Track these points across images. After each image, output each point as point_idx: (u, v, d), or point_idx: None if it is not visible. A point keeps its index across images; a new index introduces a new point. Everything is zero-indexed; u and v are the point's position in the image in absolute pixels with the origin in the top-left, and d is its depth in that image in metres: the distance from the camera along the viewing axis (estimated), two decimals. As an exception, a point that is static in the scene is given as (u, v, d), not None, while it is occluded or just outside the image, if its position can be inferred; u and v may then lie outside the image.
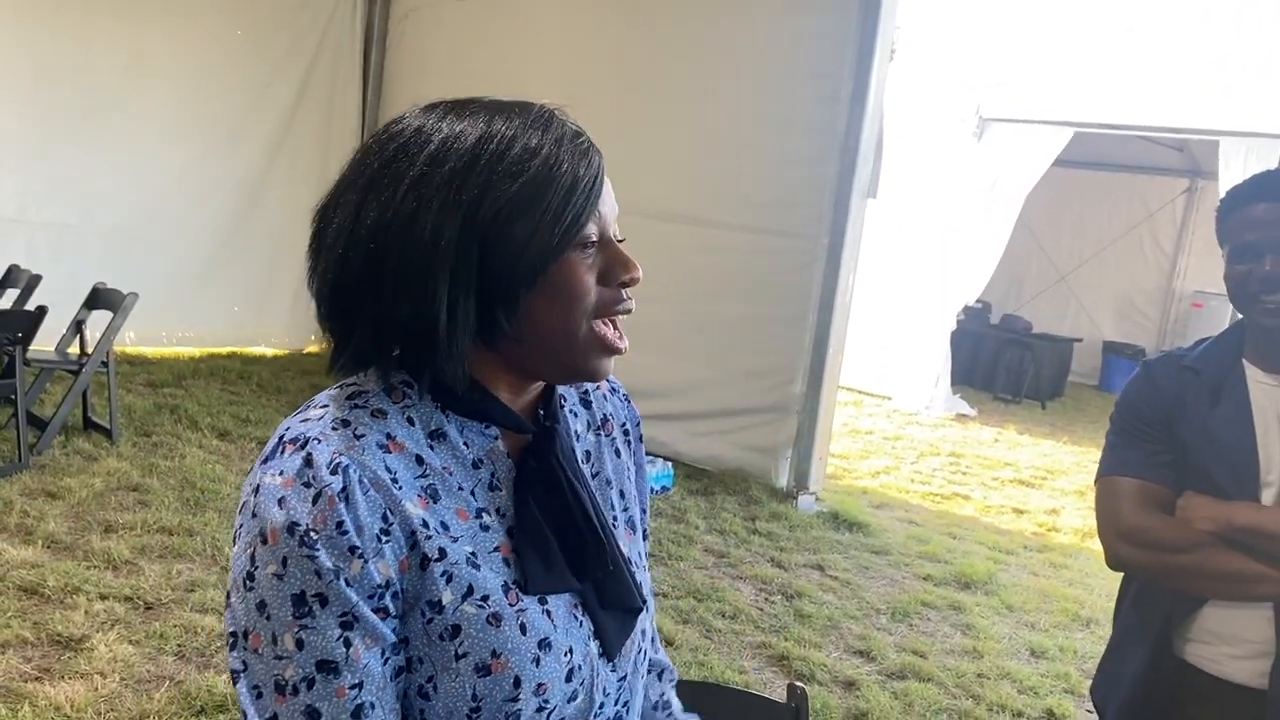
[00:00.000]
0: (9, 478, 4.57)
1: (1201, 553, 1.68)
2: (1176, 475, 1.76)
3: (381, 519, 0.90)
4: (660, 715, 1.30)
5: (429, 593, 0.92)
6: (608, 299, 0.98)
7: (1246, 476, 1.70)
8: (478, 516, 0.97)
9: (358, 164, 0.97)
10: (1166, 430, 1.78)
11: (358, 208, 0.93)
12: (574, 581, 1.01)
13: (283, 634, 0.88)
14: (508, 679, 0.94)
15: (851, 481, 6.78)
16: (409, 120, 0.97)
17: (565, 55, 6.73)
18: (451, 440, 0.97)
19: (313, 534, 0.87)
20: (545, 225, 0.92)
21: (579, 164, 0.94)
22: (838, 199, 5.78)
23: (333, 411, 0.95)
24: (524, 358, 0.98)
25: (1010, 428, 9.32)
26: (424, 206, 0.91)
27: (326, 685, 0.88)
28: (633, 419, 1.21)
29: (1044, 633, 4.56)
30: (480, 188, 0.91)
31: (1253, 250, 1.69)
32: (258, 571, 0.88)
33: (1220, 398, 1.75)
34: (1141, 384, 1.85)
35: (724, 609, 4.30)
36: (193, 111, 7.44)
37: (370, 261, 0.92)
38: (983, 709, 3.74)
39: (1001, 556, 5.59)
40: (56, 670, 3.15)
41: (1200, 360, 1.81)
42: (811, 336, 5.92)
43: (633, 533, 1.15)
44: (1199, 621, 1.75)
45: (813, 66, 5.86)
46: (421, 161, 0.92)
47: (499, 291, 0.93)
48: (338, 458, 0.90)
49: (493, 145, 0.92)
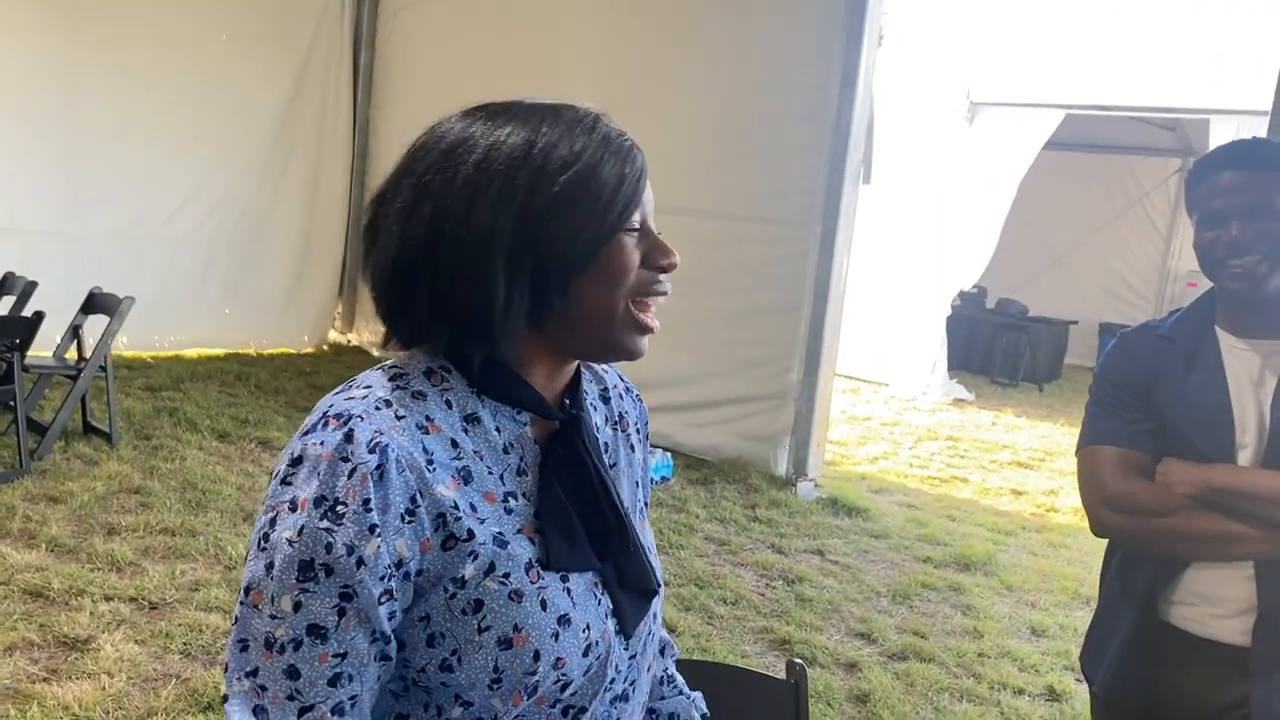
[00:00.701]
0: (10, 483, 4.59)
1: (1182, 516, 1.72)
2: (1155, 442, 1.80)
3: (410, 500, 0.94)
4: (665, 690, 1.33)
5: (452, 570, 0.96)
6: (647, 280, 1.04)
7: (1223, 440, 1.73)
8: (504, 500, 1.01)
9: (412, 157, 1.02)
10: (1144, 399, 1.81)
11: (415, 198, 0.99)
12: (595, 561, 1.06)
13: (282, 595, 0.91)
14: (528, 652, 0.97)
15: (850, 468, 6.81)
16: (456, 121, 1.03)
17: (553, 50, 6.74)
18: (484, 424, 1.02)
19: (340, 507, 0.91)
20: (596, 214, 0.99)
21: (624, 159, 1.01)
22: (830, 186, 5.80)
23: (376, 391, 0.99)
24: (566, 338, 1.03)
25: (1008, 411, 9.35)
26: (480, 196, 0.96)
27: (312, 649, 0.92)
28: (643, 419, 1.27)
29: (1044, 611, 4.58)
30: (533, 180, 0.97)
31: (1220, 216, 1.72)
32: (274, 534, 0.93)
33: (1195, 364, 1.78)
34: (1118, 354, 1.89)
35: (725, 595, 4.32)
36: (182, 117, 7.45)
37: (428, 246, 0.98)
38: (984, 687, 3.77)
39: (1001, 538, 5.62)
40: (64, 671, 3.17)
41: (1174, 329, 1.85)
42: (807, 324, 5.94)
43: (646, 522, 1.21)
44: (1182, 584, 1.78)
45: (801, 54, 5.87)
46: (477, 156, 0.98)
47: (551, 274, 0.99)
48: (378, 436, 0.93)
49: (542, 142, 0.98)
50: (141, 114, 7.24)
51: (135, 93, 7.20)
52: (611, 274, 1.01)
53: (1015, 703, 3.68)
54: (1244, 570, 1.71)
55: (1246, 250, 1.69)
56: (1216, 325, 1.81)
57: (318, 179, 8.35)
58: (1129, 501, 1.77)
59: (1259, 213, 1.68)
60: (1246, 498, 1.68)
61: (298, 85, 8.12)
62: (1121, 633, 1.86)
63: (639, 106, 6.30)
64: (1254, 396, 1.73)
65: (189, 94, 7.46)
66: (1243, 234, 1.68)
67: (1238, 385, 1.75)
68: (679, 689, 1.35)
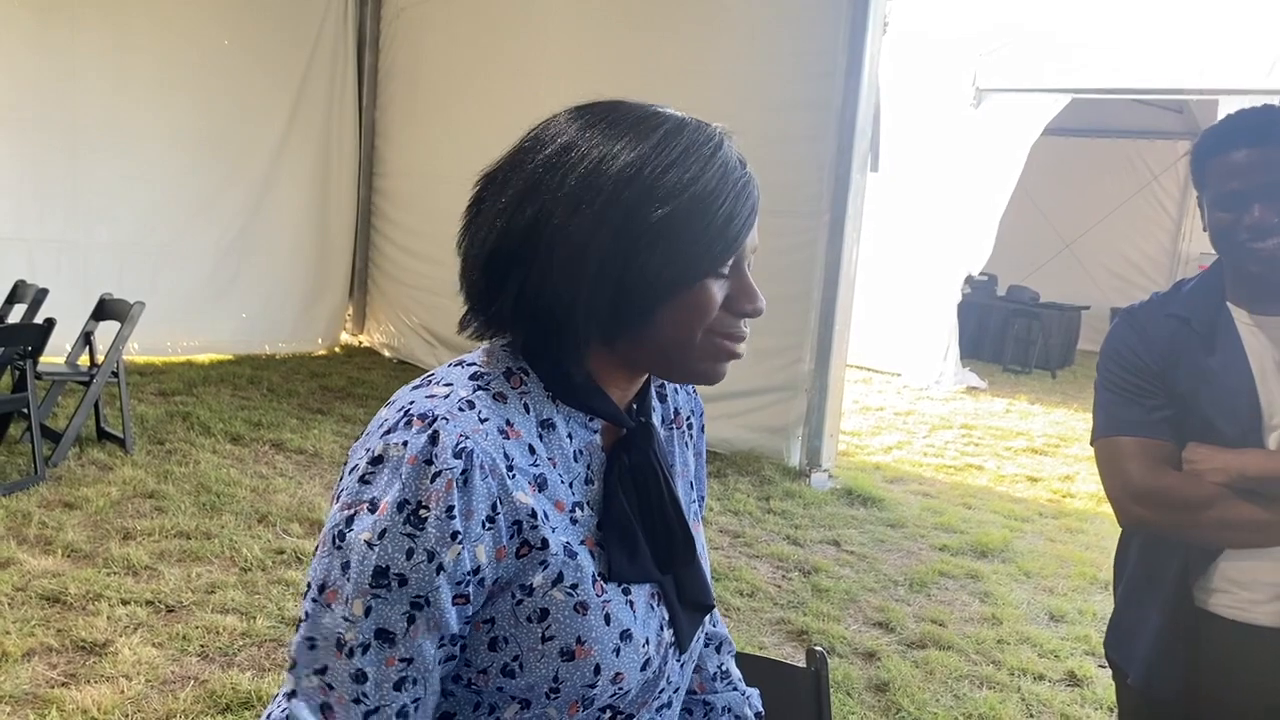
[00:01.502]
0: (26, 490, 4.60)
1: (1220, 506, 1.66)
2: (1176, 428, 1.73)
3: (491, 507, 0.92)
4: (719, 684, 1.33)
5: (522, 577, 0.95)
6: (728, 325, 1.01)
7: (1250, 422, 1.68)
8: (571, 510, 1.00)
9: (524, 149, 1.00)
10: (1162, 383, 1.75)
11: (523, 192, 0.97)
12: (656, 573, 1.04)
13: (355, 598, 0.90)
14: (589, 665, 0.97)
15: (864, 458, 6.78)
16: (571, 121, 1.00)
17: (556, 45, 6.73)
18: (559, 431, 1.01)
19: (423, 512, 0.90)
20: (695, 251, 0.96)
21: (739, 198, 0.98)
22: (838, 174, 5.77)
23: (458, 391, 0.97)
24: (638, 356, 1.02)
25: (1021, 398, 9.31)
26: (586, 204, 0.94)
27: (380, 652, 0.91)
28: (698, 409, 1.25)
29: (1062, 597, 4.56)
30: (639, 200, 0.94)
31: (1239, 197, 1.65)
32: (350, 534, 0.91)
33: (1214, 345, 1.72)
34: (1128, 335, 1.81)
35: (742, 587, 4.31)
36: (186, 123, 7.48)
37: (528, 242, 0.96)
38: (1004, 674, 3.75)
39: (1017, 524, 5.59)
40: (82, 675, 3.17)
41: (1187, 307, 1.78)
42: (817, 314, 5.92)
43: (699, 525, 1.20)
44: (1218, 571, 1.73)
45: (806, 43, 5.85)
46: (588, 164, 0.95)
47: (635, 296, 0.96)
48: (463, 441, 0.92)
49: (656, 161, 0.96)
50: (146, 121, 7.27)
51: (139, 100, 7.22)
52: (693, 311, 0.98)
53: (1035, 688, 3.66)
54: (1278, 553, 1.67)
55: (1272, 232, 1.63)
56: (1228, 302, 1.75)
57: (326, 182, 8.37)
58: (1162, 496, 1.71)
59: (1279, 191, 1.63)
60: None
61: (302, 89, 8.12)
62: (1155, 620, 1.80)
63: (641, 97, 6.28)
64: (1278, 375, 1.68)
65: (193, 100, 7.48)
66: (1265, 217, 1.62)
67: (1260, 366, 1.69)
68: (733, 684, 1.34)
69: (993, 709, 3.47)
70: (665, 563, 1.05)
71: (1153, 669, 1.83)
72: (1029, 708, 3.54)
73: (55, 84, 6.86)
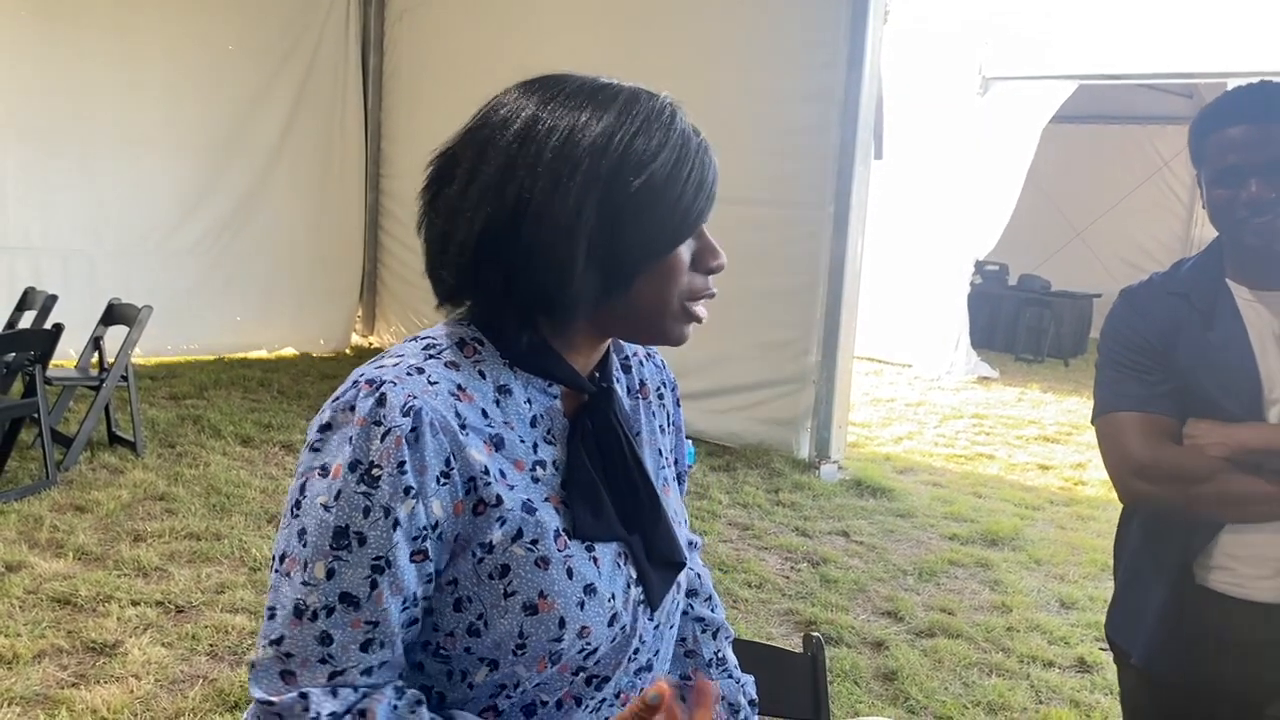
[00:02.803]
0: (38, 494, 4.63)
1: (1219, 480, 1.66)
2: (1177, 404, 1.73)
3: (444, 463, 0.94)
4: (714, 672, 1.33)
5: (481, 534, 0.96)
6: (698, 285, 1.05)
7: (1251, 397, 1.67)
8: (531, 469, 1.01)
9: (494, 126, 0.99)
10: (1163, 359, 1.74)
11: (502, 169, 0.97)
12: (622, 531, 1.05)
13: (315, 561, 0.92)
14: (554, 619, 0.98)
15: (874, 449, 6.76)
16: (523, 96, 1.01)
17: (557, 44, 6.73)
18: (515, 396, 1.02)
19: (375, 470, 0.91)
20: (673, 219, 1.00)
21: (704, 164, 1.03)
22: (841, 165, 5.76)
23: (408, 360, 0.99)
24: (612, 323, 1.04)
25: (1034, 386, 9.27)
26: (565, 179, 0.96)
27: (345, 615, 0.92)
28: (669, 383, 1.26)
29: (1073, 584, 4.54)
30: (614, 172, 0.96)
31: (1236, 173, 1.65)
32: (305, 501, 0.94)
33: (1213, 320, 1.72)
34: (1128, 313, 1.81)
35: (750, 579, 4.31)
36: (192, 128, 7.52)
37: (513, 223, 0.96)
38: (1013, 661, 3.74)
39: (1028, 512, 5.57)
40: (92, 676, 3.20)
41: (1186, 284, 1.78)
42: (824, 305, 5.91)
43: (670, 489, 1.20)
44: (1219, 548, 1.72)
45: (807, 34, 5.84)
46: (558, 139, 0.96)
47: (620, 269, 0.99)
48: (411, 400, 0.94)
49: (623, 133, 0.98)
50: (152, 127, 7.31)
51: (145, 106, 7.26)
52: (668, 276, 1.02)
53: (1045, 675, 3.65)
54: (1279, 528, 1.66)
55: (1270, 208, 1.62)
56: (1227, 278, 1.75)
57: (332, 183, 8.40)
58: (1162, 469, 1.71)
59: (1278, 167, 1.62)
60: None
61: (307, 91, 8.15)
62: (1158, 599, 1.79)
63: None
64: (1278, 350, 1.68)
65: (200, 106, 7.53)
66: (1263, 192, 1.62)
67: (1260, 340, 1.69)
68: (729, 671, 1.34)
69: (1001, 696, 3.46)
70: (631, 521, 1.06)
71: (1155, 649, 1.82)
72: (1038, 695, 3.53)
73: (63, 92, 6.90)
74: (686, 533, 1.19)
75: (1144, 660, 1.84)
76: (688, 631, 1.32)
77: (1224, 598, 1.73)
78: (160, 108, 7.33)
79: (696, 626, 1.33)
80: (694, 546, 1.32)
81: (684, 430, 1.29)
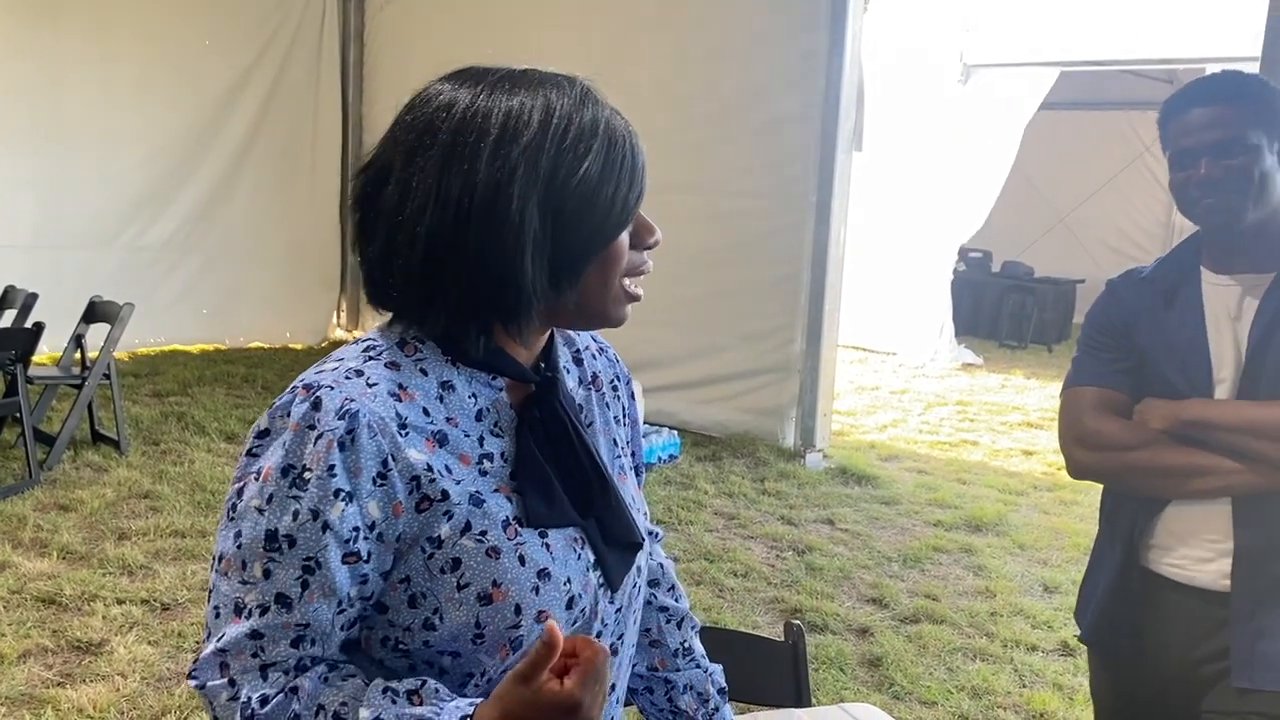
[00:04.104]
0: (21, 494, 4.62)
1: (1151, 449, 1.71)
2: (1136, 382, 1.78)
3: (381, 464, 0.94)
4: (681, 661, 1.33)
5: (428, 530, 0.97)
6: (636, 261, 1.05)
7: (1199, 375, 1.72)
8: (479, 462, 1.01)
9: (407, 131, 0.99)
10: (1126, 340, 1.80)
11: (437, 186, 0.96)
12: (576, 517, 1.06)
13: (253, 562, 0.93)
14: (509, 607, 0.98)
15: (859, 437, 6.79)
16: (450, 92, 0.99)
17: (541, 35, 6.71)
18: (459, 391, 1.02)
19: (306, 474, 0.92)
20: (614, 208, 0.99)
21: (635, 147, 1.01)
22: (823, 155, 5.78)
23: (348, 363, 0.99)
24: (557, 313, 1.04)
25: (1017, 373, 9.31)
26: (506, 181, 0.95)
27: (278, 616, 0.94)
28: (622, 376, 1.26)
29: (1056, 568, 4.57)
30: (554, 166, 0.96)
31: (1190, 155, 1.69)
32: (241, 504, 0.95)
33: (1174, 302, 1.77)
34: (1104, 300, 1.88)
35: (736, 568, 4.32)
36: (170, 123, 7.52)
37: (456, 241, 0.96)
38: (997, 646, 3.77)
39: (1012, 498, 5.60)
40: (78, 674, 3.19)
41: (1156, 270, 1.84)
42: (807, 294, 5.93)
43: (627, 477, 1.20)
44: (1161, 525, 1.76)
45: (787, 25, 5.84)
46: (493, 138, 0.96)
47: (569, 263, 0.99)
48: (348, 404, 0.94)
49: (556, 121, 0.97)
50: (129, 124, 7.29)
51: (122, 103, 7.24)
52: (612, 262, 1.02)
53: (1028, 659, 3.68)
54: (1222, 509, 1.69)
55: (1217, 187, 1.66)
56: (1201, 264, 1.79)
57: (311, 177, 8.38)
58: (1100, 438, 1.77)
59: (1229, 148, 1.65)
60: (1216, 429, 1.67)
61: (283, 85, 8.13)
62: (1105, 579, 1.85)
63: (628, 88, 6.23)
64: (1231, 330, 1.71)
65: (176, 101, 7.51)
66: (1211, 171, 1.66)
67: (1215, 320, 1.73)
68: (695, 661, 1.35)
69: (985, 681, 3.49)
70: (584, 506, 1.07)
71: (1097, 625, 1.90)
72: (1022, 679, 3.56)
73: (39, 90, 6.87)
74: (646, 523, 1.20)
75: (1087, 636, 1.93)
76: (652, 622, 1.33)
77: (1163, 580, 1.78)
78: (138, 104, 7.31)
79: (661, 616, 1.33)
80: (655, 537, 1.33)
81: (640, 424, 1.30)
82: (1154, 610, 1.79)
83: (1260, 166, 1.65)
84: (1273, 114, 1.68)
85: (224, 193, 7.88)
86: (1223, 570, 1.69)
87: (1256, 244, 1.71)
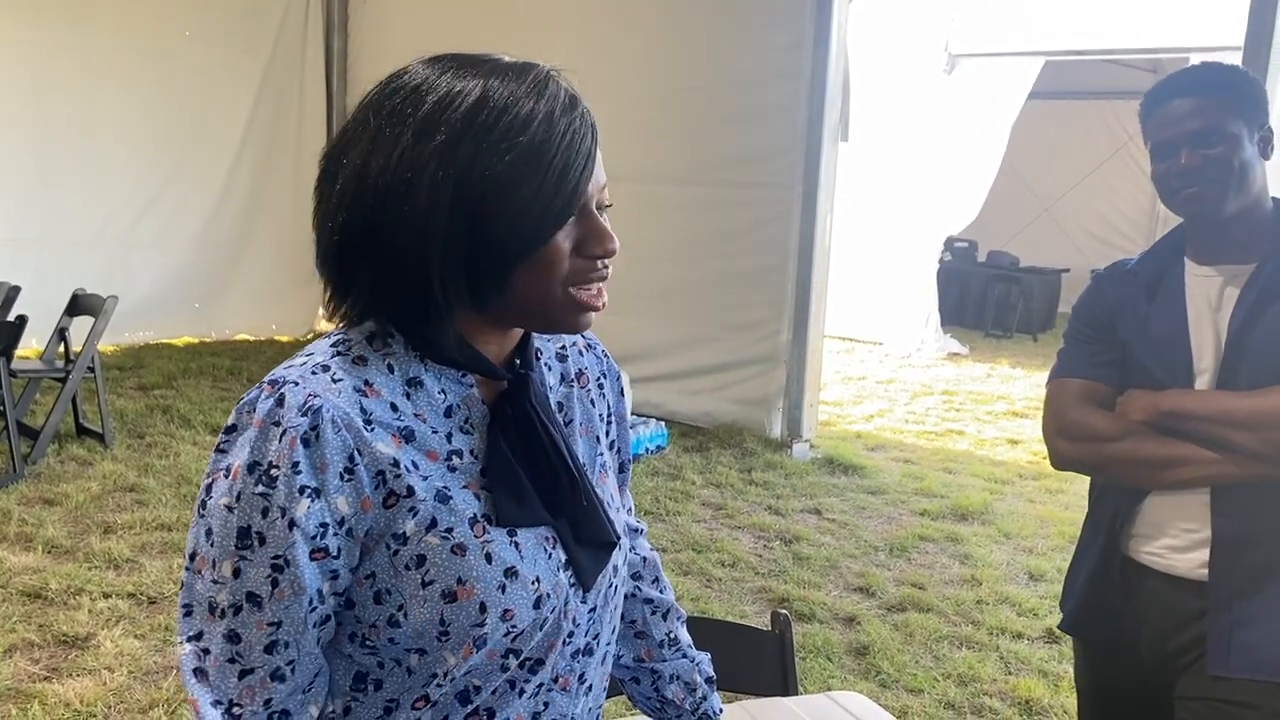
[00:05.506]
0: (5, 488, 4.59)
1: (1131, 440, 1.72)
2: (1119, 374, 1.79)
3: (348, 459, 0.93)
4: (667, 652, 1.33)
5: (394, 526, 0.96)
6: (582, 269, 0.99)
7: (1180, 366, 1.73)
8: (447, 459, 1.00)
9: (362, 116, 0.98)
10: (1110, 333, 1.81)
11: (360, 171, 0.95)
12: (546, 516, 1.04)
13: (223, 561, 0.93)
14: (474, 604, 0.97)
15: (845, 427, 6.81)
16: (411, 76, 0.98)
17: (527, 24, 6.70)
18: (428, 388, 1.01)
19: (273, 471, 0.91)
20: (535, 211, 0.94)
21: (571, 146, 0.95)
22: (809, 145, 5.79)
23: (316, 358, 0.98)
24: (507, 316, 1.02)
25: (1003, 362, 9.35)
26: (417, 177, 0.92)
27: (250, 615, 0.93)
28: (610, 373, 1.24)
29: (1042, 556, 4.60)
30: (470, 160, 0.92)
31: (1170, 145, 1.70)
32: (210, 501, 0.94)
33: (1156, 294, 1.78)
34: (1089, 292, 1.89)
35: (723, 558, 4.34)
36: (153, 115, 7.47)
37: (369, 230, 0.95)
38: (983, 633, 3.79)
39: (997, 487, 5.63)
40: (64, 669, 3.18)
41: (1141, 262, 1.85)
42: (793, 285, 5.95)
43: (608, 476, 1.19)
44: (1141, 514, 1.77)
45: (773, 15, 5.85)
46: (415, 126, 0.93)
47: (488, 267, 0.95)
48: (311, 399, 0.93)
49: (485, 114, 0.93)
50: (111, 116, 7.24)
51: (104, 95, 7.19)
52: (545, 269, 0.97)
53: (1014, 647, 3.70)
54: (1200, 499, 1.70)
55: (1196, 177, 1.67)
56: (1185, 255, 1.80)
57: (295, 168, 8.33)
58: (1081, 429, 1.78)
59: (1207, 138, 1.66)
60: (1194, 419, 1.68)
61: (268, 77, 8.10)
62: (1088, 567, 1.87)
63: (612, 78, 6.26)
64: (1211, 321, 1.72)
65: (158, 92, 7.47)
66: (1191, 161, 1.66)
67: (1196, 311, 1.74)
68: (682, 651, 1.35)
69: (971, 668, 3.51)
70: (556, 505, 1.05)
71: (1078, 613, 1.91)
72: (1008, 666, 3.58)
73: (19, 82, 6.81)
74: (627, 519, 1.19)
75: (1068, 624, 1.94)
76: (637, 614, 1.33)
77: (1142, 569, 1.79)
78: (120, 96, 7.27)
79: (646, 608, 1.33)
80: (639, 532, 1.33)
81: (627, 421, 1.28)
82: (1134, 599, 1.80)
83: (1240, 156, 1.66)
84: (1251, 104, 1.69)
85: (208, 185, 7.85)
86: (1201, 559, 1.70)
87: (1237, 234, 1.72)
